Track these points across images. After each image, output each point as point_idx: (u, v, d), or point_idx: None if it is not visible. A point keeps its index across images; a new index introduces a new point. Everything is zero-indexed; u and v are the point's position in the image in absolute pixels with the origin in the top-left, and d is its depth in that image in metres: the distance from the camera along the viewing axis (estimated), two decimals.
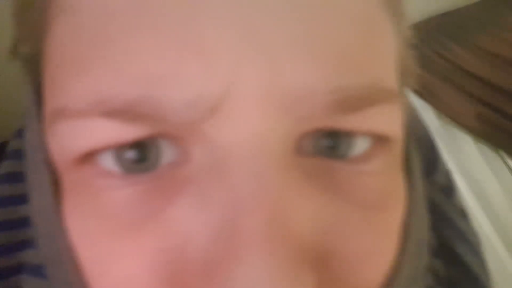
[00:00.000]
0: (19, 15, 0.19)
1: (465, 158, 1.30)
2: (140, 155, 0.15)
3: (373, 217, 0.16)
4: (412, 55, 0.22)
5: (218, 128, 0.14)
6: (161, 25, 0.14)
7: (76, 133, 0.15)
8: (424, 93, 1.31)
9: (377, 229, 0.16)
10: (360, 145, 0.16)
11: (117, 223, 0.15)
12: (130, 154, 0.15)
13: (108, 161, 0.15)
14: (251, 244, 0.13)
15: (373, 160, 0.16)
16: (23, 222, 0.20)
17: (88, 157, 0.15)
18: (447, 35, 1.35)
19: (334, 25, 0.14)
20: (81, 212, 0.16)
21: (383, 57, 0.16)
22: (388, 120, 0.16)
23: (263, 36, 0.13)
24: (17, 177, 0.21)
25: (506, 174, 1.28)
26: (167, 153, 0.15)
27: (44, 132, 0.17)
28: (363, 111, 0.15)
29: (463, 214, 0.25)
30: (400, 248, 0.17)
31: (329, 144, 0.16)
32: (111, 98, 0.14)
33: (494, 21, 1.36)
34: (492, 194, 1.25)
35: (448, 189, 0.25)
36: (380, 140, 0.16)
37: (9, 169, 0.22)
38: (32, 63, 0.18)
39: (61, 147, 0.16)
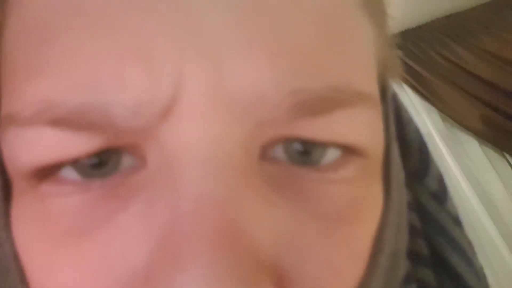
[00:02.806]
0: None
1: (469, 160, 1.29)
2: (99, 160, 0.14)
3: (339, 230, 0.15)
4: (397, 55, 0.21)
5: (169, 132, 0.13)
6: (99, 27, 0.13)
7: (25, 143, 0.14)
8: (429, 96, 1.30)
9: (343, 242, 0.15)
10: (332, 153, 0.15)
11: (62, 230, 0.14)
12: (88, 160, 0.14)
13: (61, 170, 0.14)
14: (193, 251, 0.12)
15: (343, 169, 0.15)
16: None
17: (37, 171, 0.14)
18: (451, 37, 1.34)
19: (290, 24, 0.14)
20: (27, 218, 0.15)
21: (353, 56, 0.16)
22: (360, 127, 0.15)
23: (207, 35, 0.13)
24: None
25: (510, 175, 1.27)
26: (126, 160, 0.14)
27: None
28: (331, 116, 0.14)
29: (456, 221, 0.24)
30: (370, 261, 0.16)
31: (300, 150, 0.15)
32: (56, 105, 0.13)
33: (498, 23, 1.35)
34: (496, 195, 1.24)
35: (440, 195, 0.25)
36: (350, 149, 0.15)
37: None
38: None
39: (11, 155, 0.15)
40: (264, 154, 0.14)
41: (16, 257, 0.16)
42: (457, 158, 1.28)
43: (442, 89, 1.29)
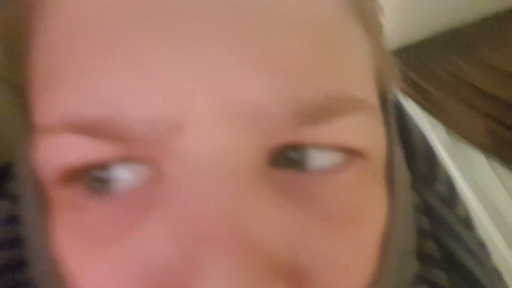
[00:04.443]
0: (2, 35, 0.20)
1: (477, 175, 1.28)
2: (118, 174, 0.15)
3: (346, 230, 0.16)
4: (393, 61, 0.22)
5: (183, 145, 0.14)
6: (115, 51, 0.14)
7: (53, 150, 0.15)
8: (434, 111, 1.31)
9: (351, 242, 0.16)
10: (331, 157, 0.16)
11: (92, 237, 0.15)
12: (108, 173, 0.15)
13: (86, 180, 0.15)
14: (211, 253, 0.13)
15: (345, 172, 0.16)
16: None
17: (66, 176, 0.15)
18: (454, 51, 1.35)
19: (283, 40, 0.15)
20: (60, 227, 0.17)
21: (347, 65, 0.16)
22: (359, 132, 0.16)
23: (210, 56, 0.14)
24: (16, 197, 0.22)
25: None
26: (143, 172, 0.15)
27: (29, 149, 0.18)
28: (330, 122, 0.15)
29: (467, 225, 0.24)
30: (379, 260, 0.17)
31: (298, 157, 0.16)
32: (78, 115, 0.14)
33: (501, 37, 1.36)
34: (504, 209, 1.23)
35: (450, 199, 0.25)
36: (350, 152, 0.16)
37: (15, 191, 0.23)
38: (18, 88, 0.19)
39: (42, 163, 0.16)
40: (270, 161, 0.15)
41: (55, 263, 0.17)
42: (464, 172, 1.28)
43: (447, 104, 1.29)
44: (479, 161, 1.29)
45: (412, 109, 1.35)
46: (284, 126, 0.14)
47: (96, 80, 0.14)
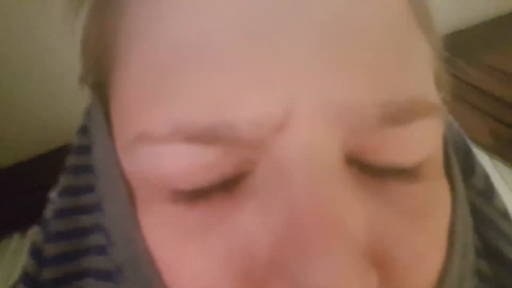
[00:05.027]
0: (85, 47, 0.21)
1: None
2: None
3: (421, 223, 0.17)
4: (444, 67, 0.23)
5: (280, 143, 0.15)
6: (223, 60, 0.16)
7: (161, 158, 0.16)
8: None
9: (425, 234, 0.17)
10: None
11: (189, 227, 0.17)
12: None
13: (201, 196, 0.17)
14: (317, 242, 0.14)
15: (418, 170, 0.18)
16: (85, 231, 0.21)
17: (175, 181, 0.17)
18: (457, 54, 1.36)
19: (369, 49, 0.16)
20: (157, 220, 0.18)
21: (422, 72, 0.18)
22: (431, 134, 0.18)
23: (311, 62, 0.15)
24: (76, 191, 0.23)
25: None
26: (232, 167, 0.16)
27: (116, 151, 0.19)
28: (408, 124, 0.16)
29: (505, 216, 0.26)
30: (447, 250, 0.18)
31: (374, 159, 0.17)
32: (189, 124, 0.16)
33: (503, 39, 1.37)
34: (509, 209, 1.24)
35: (488, 192, 0.26)
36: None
37: (68, 183, 0.24)
38: (100, 90, 0.20)
39: (143, 169, 0.17)
40: (353, 160, 0.17)
41: (146, 253, 0.18)
42: None
43: (451, 105, 1.31)
44: (483, 160, 1.30)
45: None
46: (373, 127, 0.16)
47: (205, 89, 0.15)
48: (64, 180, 0.24)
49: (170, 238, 0.17)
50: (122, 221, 0.19)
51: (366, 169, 0.17)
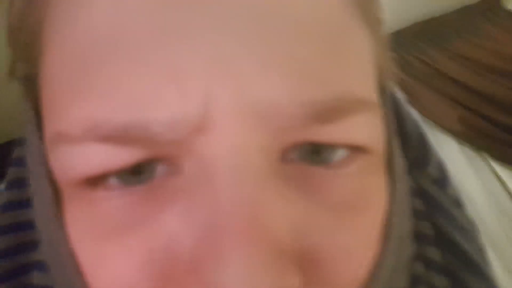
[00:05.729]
0: (13, 36, 0.20)
1: (449, 160, 1.33)
2: (137, 169, 0.16)
3: (351, 218, 0.17)
4: (391, 57, 0.23)
5: (202, 144, 0.15)
6: (137, 55, 0.15)
7: (76, 157, 0.16)
8: (408, 98, 1.34)
9: (356, 229, 0.17)
10: (341, 152, 0.17)
11: (109, 228, 0.16)
12: (128, 169, 0.16)
13: (107, 178, 0.16)
14: (231, 243, 0.14)
15: (350, 165, 0.17)
16: (32, 224, 0.21)
17: (88, 181, 0.16)
18: (427, 41, 1.39)
19: (296, 43, 0.15)
20: (79, 219, 0.17)
21: (354, 66, 0.17)
22: (364, 130, 0.17)
23: (230, 58, 0.15)
24: (23, 183, 0.22)
25: (488, 175, 1.32)
26: (161, 167, 0.16)
27: (44, 148, 0.18)
28: (338, 122, 0.16)
29: (457, 203, 0.26)
30: (381, 244, 0.18)
31: (308, 153, 0.17)
32: (102, 124, 0.15)
33: (471, 28, 1.40)
34: (475, 195, 1.28)
35: (442, 180, 0.26)
36: (356, 148, 0.17)
37: (15, 176, 0.23)
38: (29, 83, 0.19)
39: (62, 168, 0.17)
40: (283, 157, 0.16)
41: (71, 254, 0.17)
42: None
43: (420, 92, 1.33)
44: (451, 146, 1.34)
45: None
46: (297, 126, 0.15)
47: (120, 86, 0.15)
48: (11, 172, 0.23)
49: (89, 239, 0.17)
50: (46, 221, 0.18)
51: (300, 165, 0.17)
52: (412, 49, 1.37)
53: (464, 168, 1.31)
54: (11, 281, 0.21)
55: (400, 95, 0.30)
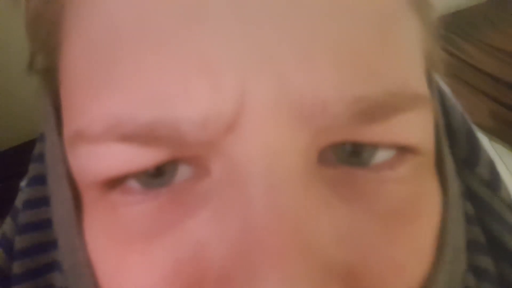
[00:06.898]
0: (31, 28, 0.19)
1: None
2: (158, 170, 0.15)
3: (402, 228, 0.15)
4: (440, 46, 0.21)
5: (234, 144, 0.13)
6: (164, 45, 0.13)
7: (95, 158, 0.14)
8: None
9: (407, 240, 0.15)
10: (386, 152, 0.15)
11: (132, 235, 0.15)
12: (149, 171, 0.15)
13: (128, 180, 0.15)
14: (270, 261, 0.12)
15: (399, 168, 0.15)
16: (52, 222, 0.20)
17: (109, 183, 0.15)
18: (457, 33, 1.34)
19: (346, 31, 0.13)
20: (99, 226, 0.16)
21: (407, 56, 0.15)
22: (414, 128, 0.15)
23: (268, 48, 0.13)
24: (44, 180, 0.21)
25: None
26: (184, 168, 0.15)
27: (63, 146, 0.17)
28: (388, 119, 0.14)
29: (511, 208, 0.24)
30: (435, 257, 0.16)
31: (351, 154, 0.15)
32: (125, 121, 0.13)
33: (504, 19, 1.35)
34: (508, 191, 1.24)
35: (493, 182, 0.24)
36: (405, 149, 0.15)
37: (37, 172, 0.22)
38: (48, 76, 0.18)
39: (81, 169, 0.16)
40: (319, 158, 0.14)
41: (87, 263, 0.16)
42: None
43: (450, 86, 1.29)
44: (482, 142, 1.29)
45: None
46: (342, 125, 0.13)
47: (146, 80, 0.13)
48: (32, 169, 0.23)
49: (109, 247, 0.15)
50: (65, 226, 0.17)
51: (340, 167, 0.15)
52: (441, 42, 1.33)
53: (496, 164, 1.27)
54: (34, 280, 0.20)
55: (446, 87, 0.28)
